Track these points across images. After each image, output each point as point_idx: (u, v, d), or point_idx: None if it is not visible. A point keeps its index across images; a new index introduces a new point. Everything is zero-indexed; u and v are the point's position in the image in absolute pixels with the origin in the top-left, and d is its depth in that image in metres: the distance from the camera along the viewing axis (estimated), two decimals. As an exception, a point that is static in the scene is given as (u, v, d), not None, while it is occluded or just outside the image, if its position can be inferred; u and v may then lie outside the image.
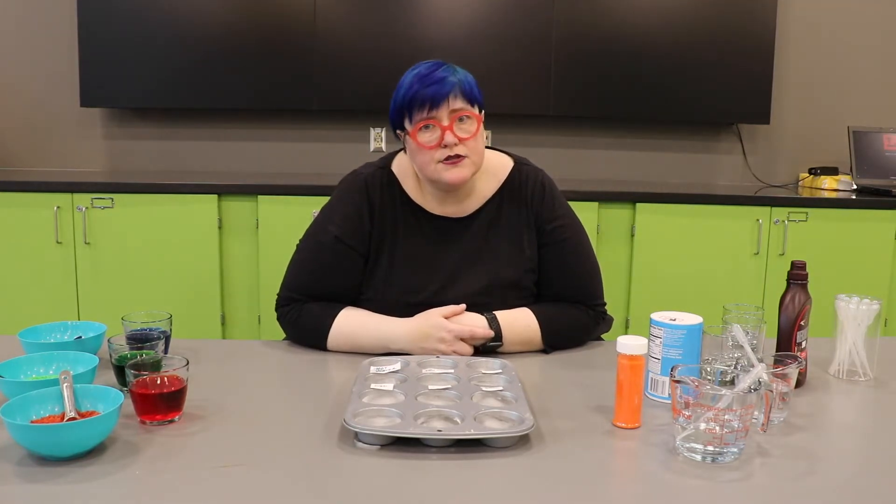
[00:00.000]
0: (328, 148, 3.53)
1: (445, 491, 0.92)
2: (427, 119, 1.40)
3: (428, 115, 1.40)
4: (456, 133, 1.40)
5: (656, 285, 3.06)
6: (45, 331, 1.35)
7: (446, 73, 1.40)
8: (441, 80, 1.39)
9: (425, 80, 1.39)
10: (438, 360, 1.33)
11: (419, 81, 1.39)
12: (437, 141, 1.40)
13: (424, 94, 1.39)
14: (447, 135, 1.39)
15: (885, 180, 3.33)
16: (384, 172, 1.54)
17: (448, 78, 1.40)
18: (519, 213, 1.54)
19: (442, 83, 1.39)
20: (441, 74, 1.40)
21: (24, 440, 0.96)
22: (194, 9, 3.24)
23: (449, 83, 1.39)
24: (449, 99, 1.39)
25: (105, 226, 2.91)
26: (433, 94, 1.38)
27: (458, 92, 1.40)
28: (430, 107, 1.39)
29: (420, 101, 1.39)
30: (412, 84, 1.40)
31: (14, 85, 3.43)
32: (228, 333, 3.03)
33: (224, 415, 1.13)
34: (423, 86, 1.39)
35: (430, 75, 1.39)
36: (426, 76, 1.39)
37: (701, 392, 0.99)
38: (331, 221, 1.51)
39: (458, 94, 1.40)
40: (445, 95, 1.39)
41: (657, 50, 3.37)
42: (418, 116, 1.40)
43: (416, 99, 1.39)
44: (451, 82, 1.40)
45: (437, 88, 1.39)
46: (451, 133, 1.40)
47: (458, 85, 1.40)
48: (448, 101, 1.39)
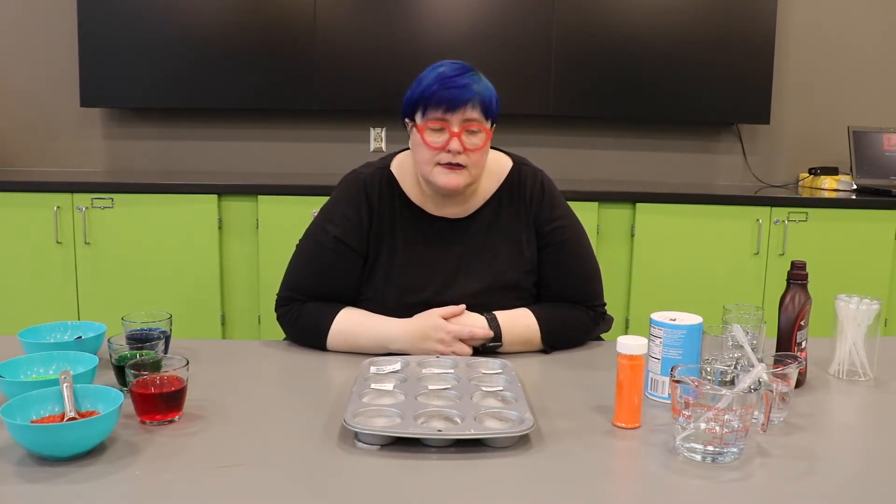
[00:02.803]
0: (328, 148, 3.53)
1: (445, 491, 0.92)
2: (439, 121, 1.40)
3: (441, 116, 1.40)
4: (463, 142, 1.41)
5: (656, 285, 3.06)
6: (45, 331, 1.35)
7: (470, 81, 1.40)
8: (463, 87, 1.39)
9: (448, 82, 1.39)
10: (438, 360, 1.33)
11: (441, 82, 1.40)
12: (443, 144, 1.41)
13: (443, 95, 1.39)
14: (454, 142, 1.40)
15: (885, 180, 3.33)
16: (384, 173, 1.54)
17: (471, 86, 1.40)
18: (518, 214, 1.54)
19: (463, 90, 1.39)
20: (464, 81, 1.40)
21: (24, 440, 0.96)
22: (194, 9, 3.24)
23: (470, 92, 1.39)
24: (466, 108, 1.40)
25: (105, 226, 2.91)
26: (451, 99, 1.39)
27: (477, 103, 1.40)
28: (444, 109, 1.39)
29: (437, 102, 1.39)
30: (434, 82, 1.40)
31: (14, 85, 3.43)
32: (228, 333, 3.03)
33: (224, 415, 1.13)
34: (443, 87, 1.39)
35: (454, 79, 1.39)
36: (450, 78, 1.40)
37: (701, 392, 0.99)
38: (330, 221, 1.51)
39: (476, 104, 1.40)
40: (463, 103, 1.39)
41: (657, 50, 3.37)
42: (431, 115, 1.41)
43: (434, 98, 1.39)
44: (472, 91, 1.40)
45: (457, 94, 1.39)
46: (457, 141, 1.40)
47: (478, 96, 1.40)
48: (464, 109, 1.40)
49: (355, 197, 1.52)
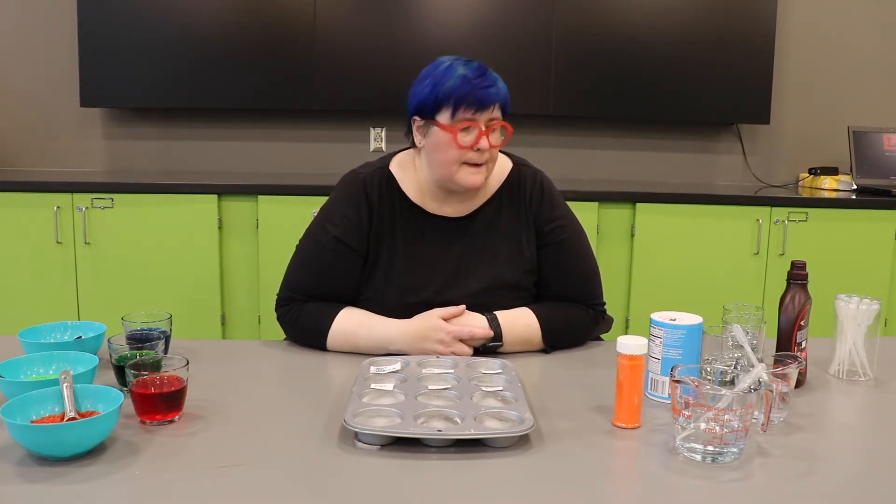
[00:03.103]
0: (328, 148, 3.53)
1: (445, 491, 0.92)
2: (470, 120, 1.42)
3: (472, 116, 1.42)
4: (490, 141, 1.43)
5: (656, 285, 3.06)
6: (45, 331, 1.35)
7: (494, 81, 1.45)
8: (491, 86, 1.43)
9: (476, 82, 1.42)
10: (438, 360, 1.33)
11: (469, 82, 1.42)
12: (473, 143, 1.43)
13: (476, 95, 1.41)
14: (483, 140, 1.43)
15: (885, 180, 3.33)
16: (383, 173, 1.54)
17: (497, 85, 1.45)
18: (518, 214, 1.55)
19: (492, 90, 1.43)
20: (490, 80, 1.44)
21: (24, 440, 0.96)
22: (194, 9, 3.24)
23: (498, 90, 1.44)
24: (494, 107, 1.43)
25: (105, 226, 2.91)
26: (483, 98, 1.42)
27: (500, 102, 1.45)
28: (475, 109, 1.42)
29: (469, 101, 1.41)
30: (462, 83, 1.42)
31: (14, 85, 3.43)
32: (228, 333, 3.03)
33: (224, 415, 1.13)
34: (474, 87, 1.41)
35: (481, 78, 1.43)
36: (478, 78, 1.42)
37: (701, 392, 0.99)
38: (330, 221, 1.51)
39: (501, 103, 1.45)
40: (493, 102, 1.43)
41: (657, 50, 3.37)
42: (463, 115, 1.42)
43: (467, 98, 1.41)
44: (500, 89, 1.45)
45: (488, 94, 1.42)
46: (486, 139, 1.43)
47: (502, 94, 1.45)
48: (492, 108, 1.43)
49: (355, 197, 1.52)
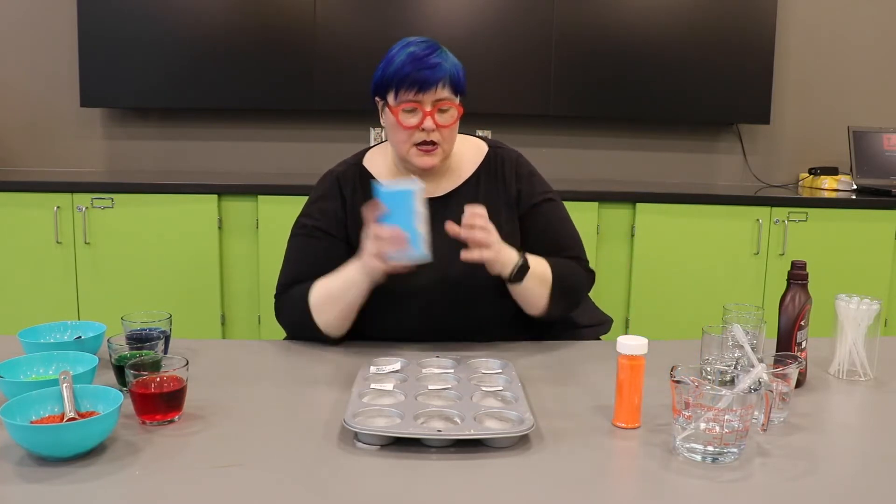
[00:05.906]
0: (328, 148, 3.52)
1: (445, 491, 0.92)
2: (412, 101, 1.43)
3: (414, 97, 1.43)
4: (436, 120, 1.44)
5: (656, 285, 3.06)
6: (44, 331, 1.35)
7: (440, 60, 1.43)
8: (434, 67, 1.42)
9: (419, 62, 1.41)
10: (439, 360, 1.33)
11: (413, 63, 1.42)
12: (417, 124, 1.43)
13: (416, 77, 1.41)
14: (427, 120, 1.43)
15: (885, 180, 3.33)
16: (356, 168, 1.58)
17: (442, 65, 1.43)
18: (497, 192, 1.56)
19: (435, 70, 1.42)
20: (435, 60, 1.43)
21: (24, 440, 0.96)
22: (194, 9, 3.24)
23: (442, 70, 1.43)
24: (437, 87, 1.43)
25: (105, 226, 2.91)
26: (424, 79, 1.41)
27: (448, 81, 1.44)
28: (417, 90, 1.42)
29: (410, 83, 1.42)
30: (405, 63, 1.42)
31: (14, 85, 3.43)
32: (228, 333, 3.03)
33: (224, 415, 1.13)
34: (416, 68, 1.41)
35: (425, 59, 1.42)
36: (421, 59, 1.42)
37: (701, 392, 0.99)
38: (308, 216, 1.56)
39: (446, 83, 1.44)
40: (435, 83, 1.42)
41: (657, 50, 3.37)
42: (404, 97, 1.43)
43: (407, 80, 1.41)
44: (444, 70, 1.43)
45: (429, 74, 1.41)
46: (431, 119, 1.43)
47: (448, 75, 1.44)
48: (436, 89, 1.43)
49: (329, 192, 1.56)
